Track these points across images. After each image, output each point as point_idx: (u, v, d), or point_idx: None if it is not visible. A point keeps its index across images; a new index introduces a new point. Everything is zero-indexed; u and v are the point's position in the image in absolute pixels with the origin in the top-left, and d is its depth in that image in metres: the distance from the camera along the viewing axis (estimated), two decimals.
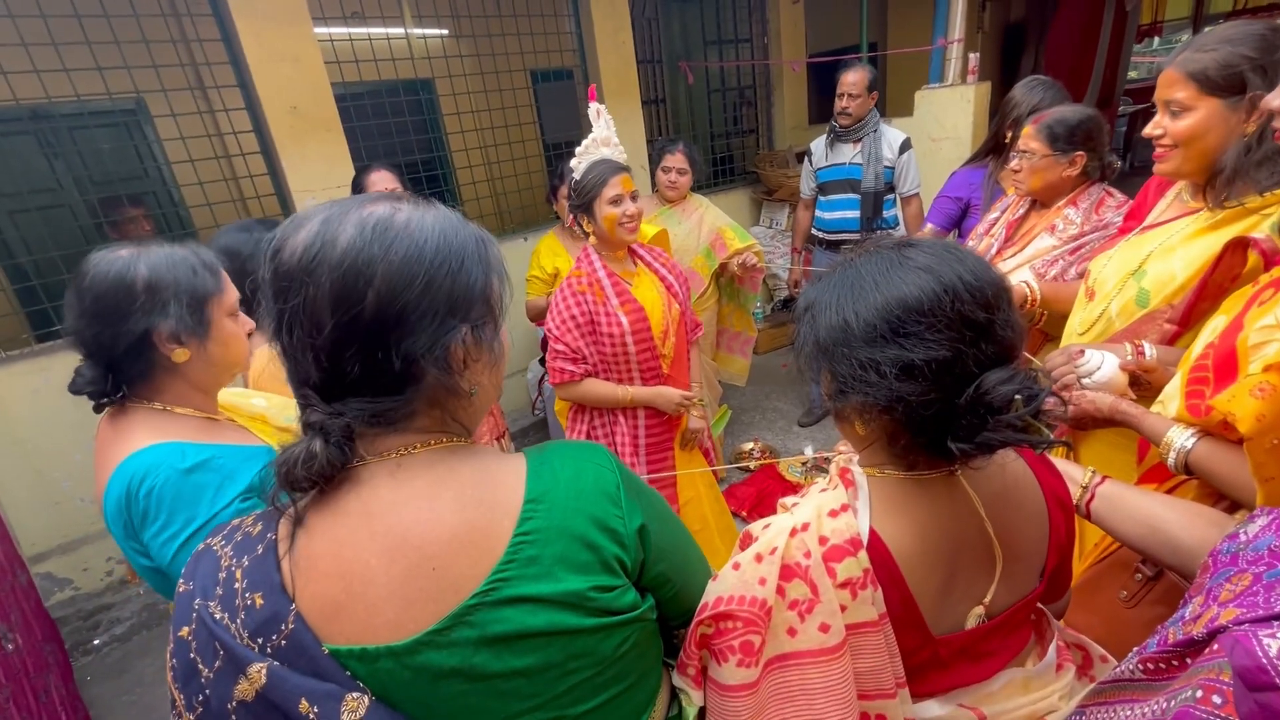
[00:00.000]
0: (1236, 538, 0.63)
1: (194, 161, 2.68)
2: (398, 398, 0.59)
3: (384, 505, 0.58)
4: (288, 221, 0.61)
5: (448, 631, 0.56)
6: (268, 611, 0.56)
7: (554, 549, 0.59)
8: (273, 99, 2.73)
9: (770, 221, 4.67)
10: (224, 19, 2.63)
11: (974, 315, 0.63)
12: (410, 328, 0.57)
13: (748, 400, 3.75)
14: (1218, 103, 1.10)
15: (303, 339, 0.57)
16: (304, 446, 0.57)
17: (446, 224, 0.61)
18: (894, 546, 0.70)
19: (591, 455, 0.67)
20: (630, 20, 3.85)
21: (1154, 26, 7.87)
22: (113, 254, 0.98)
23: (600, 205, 1.71)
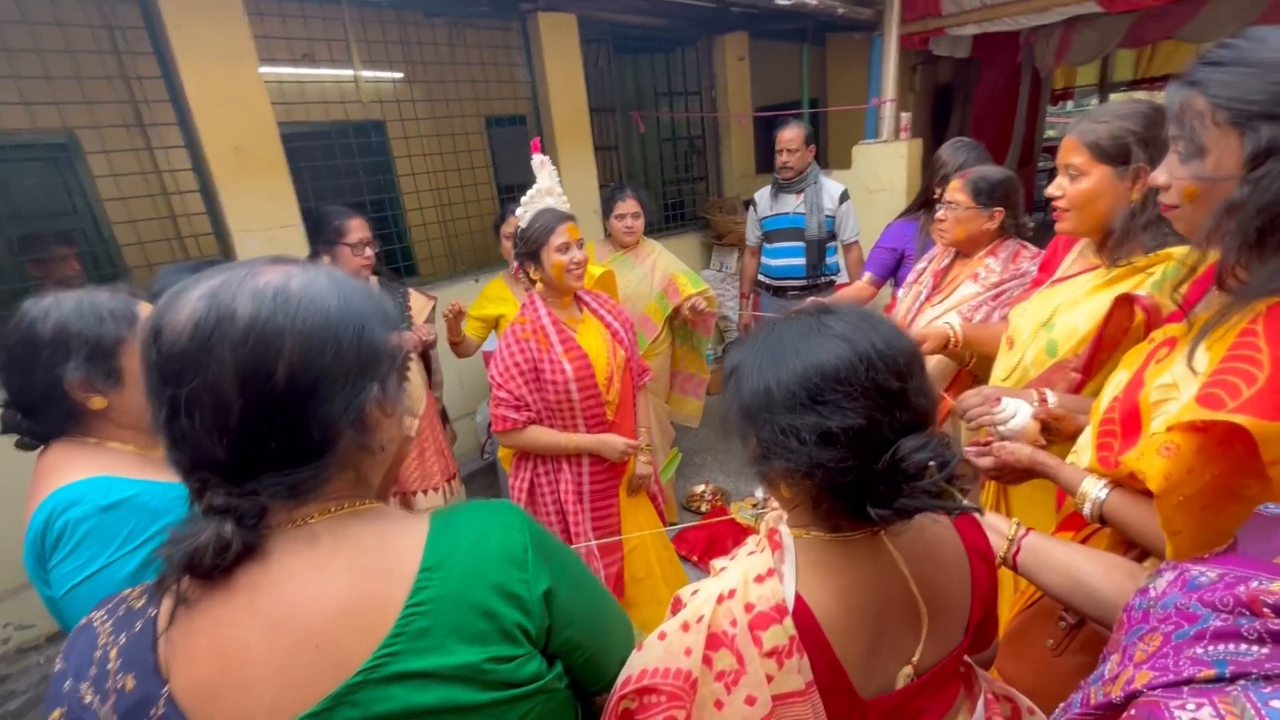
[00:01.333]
0: (1147, 592, 0.65)
1: (127, 199, 2.59)
2: (314, 465, 0.57)
3: (272, 579, 0.55)
4: (164, 300, 0.57)
5: (328, 713, 0.53)
6: (139, 694, 0.53)
7: (448, 619, 0.56)
8: (215, 138, 2.68)
9: (720, 265, 4.80)
10: (165, 57, 2.58)
11: (888, 384, 0.65)
12: (325, 394, 0.56)
13: (700, 442, 3.77)
14: (1108, 170, 1.22)
15: (207, 422, 0.53)
16: (212, 533, 0.53)
17: (343, 284, 0.60)
18: (819, 612, 0.70)
19: (500, 517, 0.65)
20: (583, 69, 3.97)
21: (1066, 91, 8.60)
22: (37, 304, 0.99)
23: (548, 253, 1.72)
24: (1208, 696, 0.47)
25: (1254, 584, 0.54)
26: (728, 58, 4.82)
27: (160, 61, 2.60)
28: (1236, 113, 0.74)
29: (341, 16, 3.09)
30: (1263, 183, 0.73)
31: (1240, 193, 0.75)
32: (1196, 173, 0.80)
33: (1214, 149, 0.78)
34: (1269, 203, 0.73)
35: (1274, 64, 0.73)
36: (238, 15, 2.65)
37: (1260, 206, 0.74)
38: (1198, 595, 0.57)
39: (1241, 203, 0.75)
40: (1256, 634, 0.49)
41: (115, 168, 2.55)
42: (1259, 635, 0.49)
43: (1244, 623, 0.51)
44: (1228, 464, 0.77)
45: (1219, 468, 0.78)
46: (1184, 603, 0.58)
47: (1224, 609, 0.54)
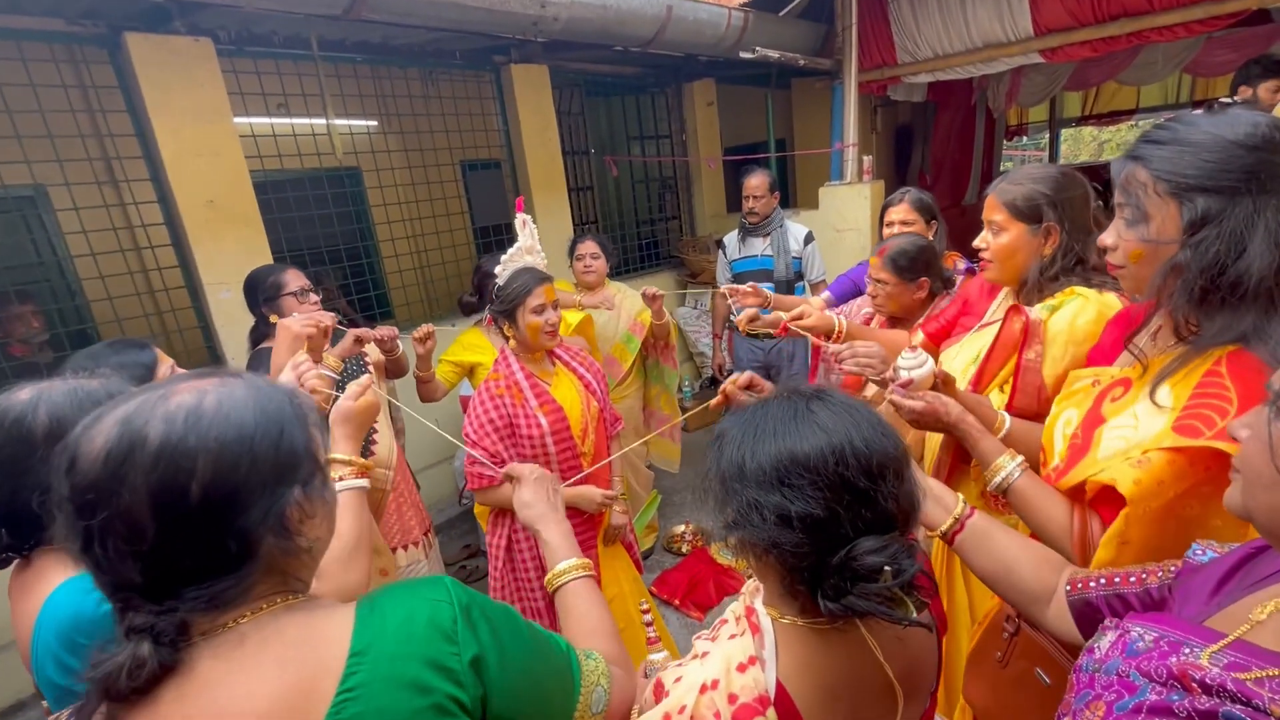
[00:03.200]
0: (1092, 653, 0.68)
1: (96, 255, 2.57)
2: (236, 575, 0.57)
3: (200, 686, 0.55)
4: (78, 429, 0.57)
5: None
6: None
7: (380, 701, 0.56)
8: (188, 193, 2.69)
9: (695, 303, 4.88)
10: (139, 115, 2.60)
11: (855, 480, 0.66)
12: (242, 506, 0.56)
13: (679, 481, 3.78)
14: (1024, 227, 1.33)
15: (121, 548, 0.53)
16: (128, 654, 0.52)
17: (258, 393, 0.61)
18: (799, 700, 0.71)
19: (427, 591, 0.65)
20: (555, 115, 4.08)
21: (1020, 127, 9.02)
22: (11, 398, 0.89)
23: (524, 313, 1.76)
24: None
25: (1185, 653, 0.57)
26: (696, 103, 4.99)
27: (134, 119, 2.62)
28: (1174, 184, 0.84)
29: (316, 71, 3.14)
30: (1200, 247, 0.83)
31: (1182, 256, 0.84)
32: (1142, 236, 0.89)
33: (1156, 216, 0.87)
34: (1207, 265, 0.82)
35: (1204, 144, 0.83)
36: (213, 74, 2.69)
37: (1201, 269, 0.82)
38: (1136, 663, 0.61)
39: (1184, 264, 0.84)
40: (1186, 712, 0.53)
41: (85, 223, 2.54)
42: (1188, 714, 0.53)
43: (1175, 699, 0.54)
44: (1189, 485, 0.84)
45: (1183, 487, 0.85)
46: (1124, 669, 0.62)
47: (1158, 680, 0.57)
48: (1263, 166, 0.81)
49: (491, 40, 3.49)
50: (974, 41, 3.87)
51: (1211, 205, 0.82)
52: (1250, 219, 0.81)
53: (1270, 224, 0.81)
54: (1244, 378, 0.83)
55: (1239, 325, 0.84)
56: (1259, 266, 0.80)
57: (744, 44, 3.83)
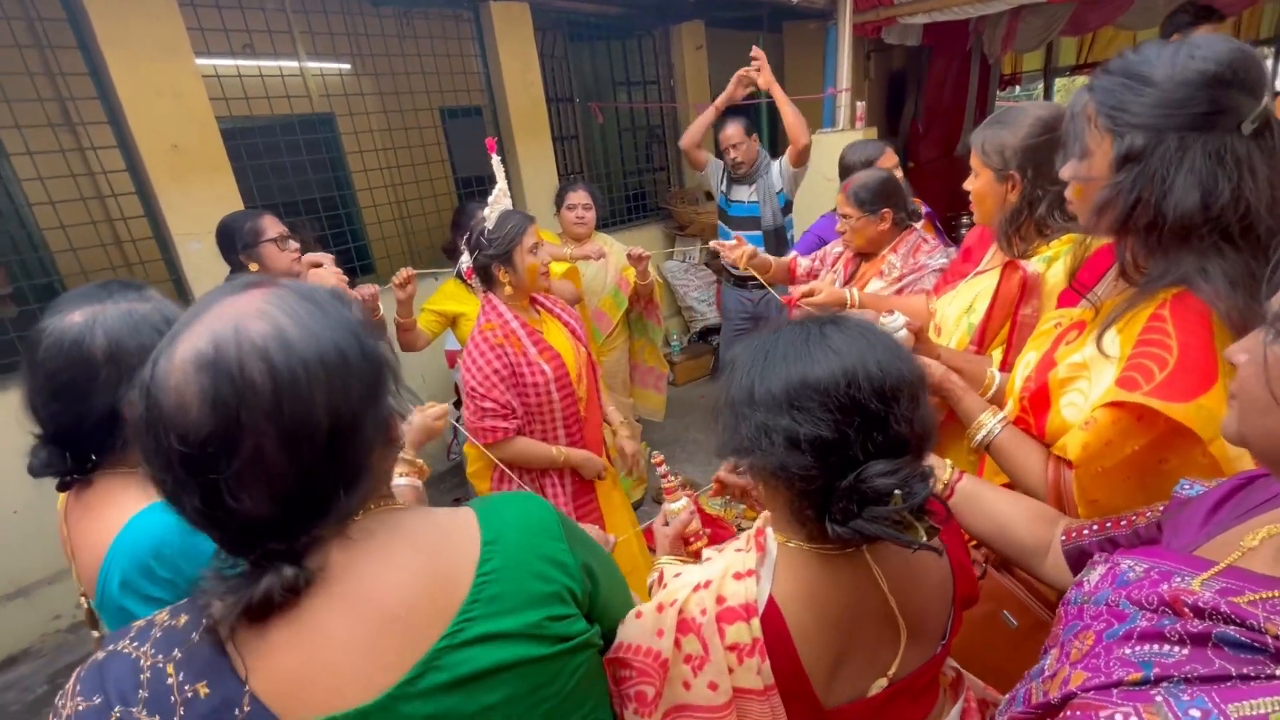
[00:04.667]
0: (1081, 586, 0.68)
1: (57, 203, 2.44)
2: (358, 488, 0.58)
3: (340, 573, 0.56)
4: (148, 381, 0.52)
5: (418, 680, 0.55)
6: (216, 699, 0.52)
7: (514, 584, 0.61)
8: (149, 136, 2.55)
9: (683, 256, 4.80)
10: (91, 51, 2.44)
11: (867, 402, 0.64)
12: (361, 425, 0.57)
13: (667, 434, 3.79)
14: (990, 173, 1.29)
15: (259, 494, 0.52)
16: (275, 579, 0.53)
17: (323, 304, 0.58)
18: (791, 619, 0.71)
19: (530, 500, 0.70)
20: (539, 60, 3.90)
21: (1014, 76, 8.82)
22: (64, 321, 0.85)
23: (521, 255, 1.70)
24: (1133, 702, 0.49)
25: (1176, 581, 0.56)
26: (685, 46, 4.80)
27: (86, 56, 2.46)
28: (1112, 119, 0.80)
29: (283, 6, 2.96)
30: (1119, 186, 0.80)
31: (1103, 195, 0.81)
32: (1077, 172, 0.87)
33: (1094, 151, 0.84)
34: (1128, 205, 0.80)
35: (1151, 78, 0.78)
36: (169, 6, 2.51)
37: (1122, 208, 0.80)
38: (1126, 592, 0.60)
39: (1104, 203, 0.82)
40: (1178, 635, 0.52)
41: (42, 170, 2.41)
42: (1180, 637, 0.52)
43: (1167, 623, 0.53)
44: (1150, 439, 0.83)
45: (1140, 443, 0.83)
46: (1114, 599, 0.61)
47: (1149, 607, 0.56)
48: (1211, 103, 0.77)
49: None
50: None
51: (1136, 142, 0.78)
52: (1175, 158, 0.77)
53: (1196, 163, 0.77)
54: (1186, 321, 0.80)
55: (1180, 267, 0.81)
56: (1182, 208, 0.78)
57: None
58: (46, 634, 2.55)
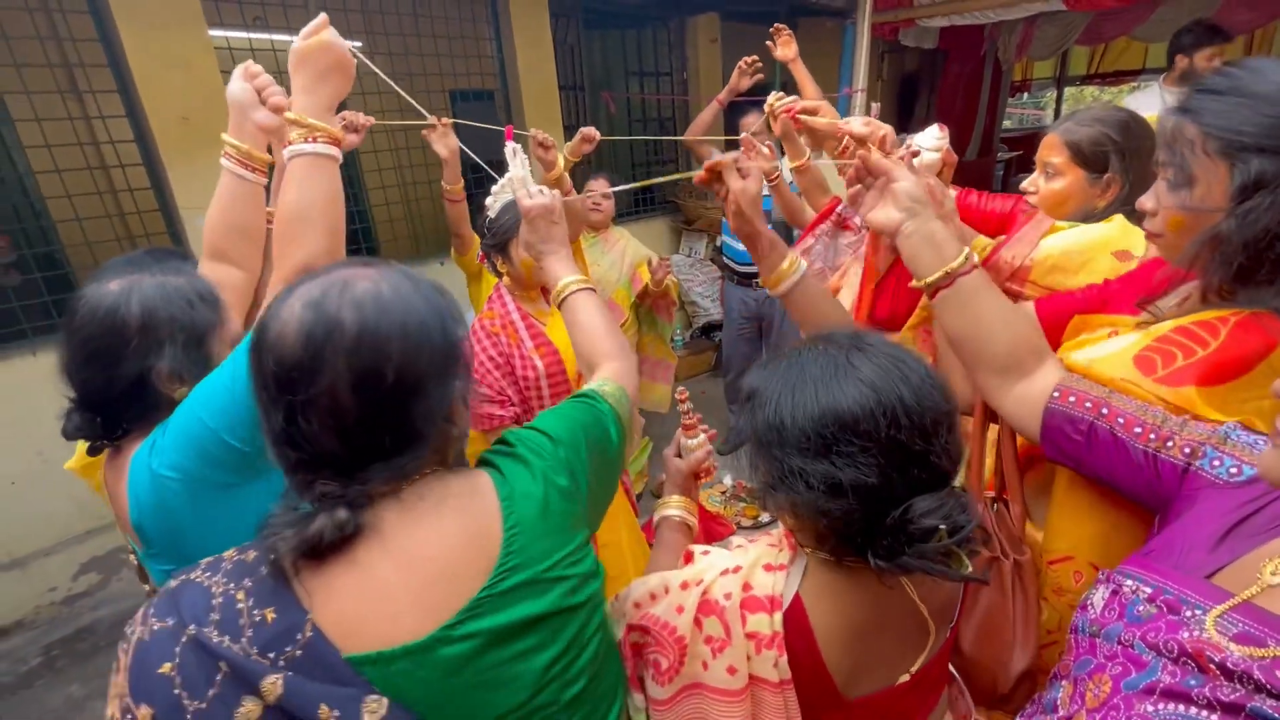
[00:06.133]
0: (1086, 610, 0.65)
1: (61, 172, 2.40)
2: (414, 453, 0.63)
3: (395, 530, 0.62)
4: (267, 312, 0.62)
5: (459, 625, 0.61)
6: (281, 625, 0.58)
7: (534, 529, 0.67)
8: (159, 107, 2.51)
9: (690, 250, 4.78)
10: (102, 18, 2.39)
11: (910, 443, 0.62)
12: (425, 391, 0.62)
13: (669, 430, 3.78)
14: (1083, 174, 1.23)
15: (325, 424, 0.59)
16: (328, 518, 0.58)
17: (422, 287, 0.66)
18: (816, 620, 0.70)
19: (527, 439, 0.76)
20: (552, 46, 3.86)
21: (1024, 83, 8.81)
22: (102, 289, 0.89)
23: (516, 247, 1.68)
24: None
25: (1187, 615, 0.54)
26: (699, 39, 4.75)
27: (97, 23, 2.41)
28: (1227, 143, 0.72)
29: None
30: (1249, 217, 0.70)
31: (1226, 225, 0.72)
32: (1183, 202, 0.77)
33: (1202, 179, 0.75)
34: (1253, 238, 0.71)
35: (1269, 96, 0.71)
36: None
37: (1245, 241, 0.71)
38: (1140, 632, 0.57)
39: (1226, 235, 0.73)
40: (1206, 700, 0.50)
41: (48, 137, 2.36)
42: (1208, 702, 0.50)
43: (1194, 684, 0.51)
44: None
45: None
46: (1127, 638, 0.58)
47: (1168, 656, 0.54)
48: None
49: None
50: None
51: (1267, 168, 0.69)
52: None
53: None
54: (1248, 331, 0.74)
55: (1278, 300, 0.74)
56: None
57: None
58: (41, 606, 2.53)
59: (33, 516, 2.47)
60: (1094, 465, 0.76)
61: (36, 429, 2.43)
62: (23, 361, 2.39)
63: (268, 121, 1.06)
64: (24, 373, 2.39)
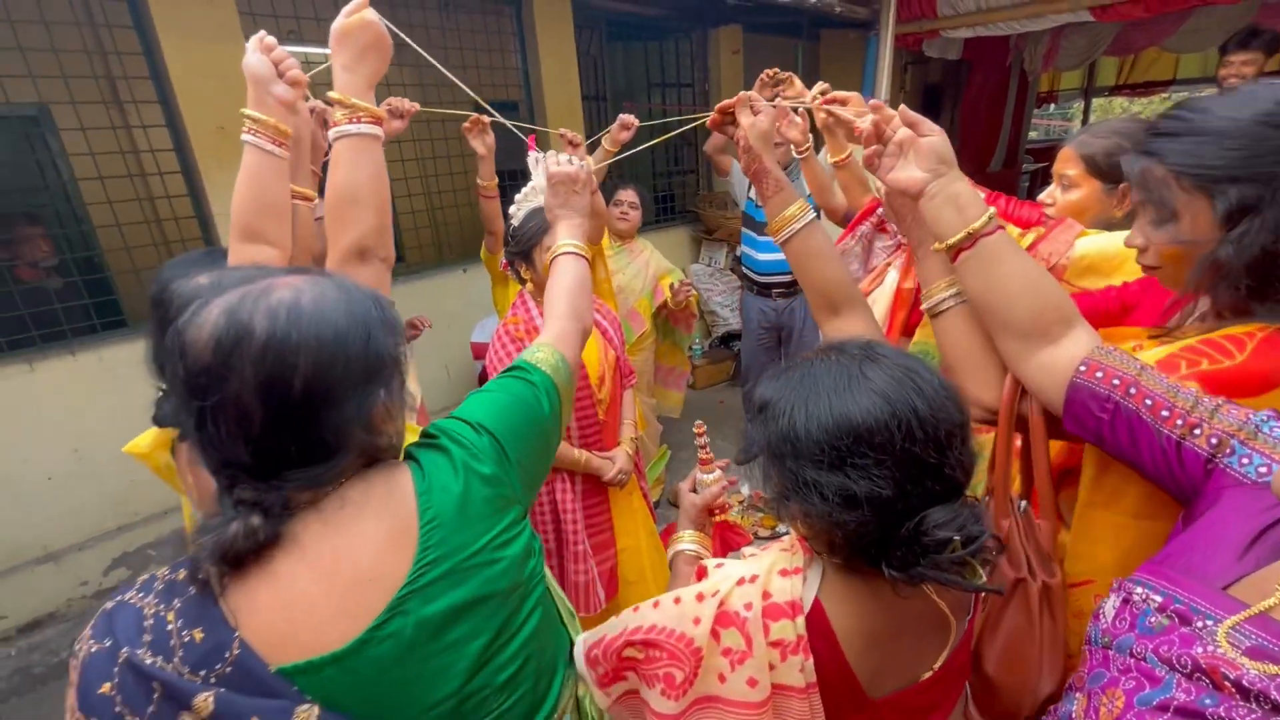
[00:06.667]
0: (1098, 620, 0.64)
1: (104, 179, 2.49)
2: (330, 462, 0.64)
3: (315, 540, 0.63)
4: (186, 317, 0.61)
5: (383, 625, 0.63)
6: (210, 644, 0.59)
7: (454, 522, 0.68)
8: (197, 117, 2.59)
9: (709, 260, 4.79)
10: (146, 32, 2.49)
11: (924, 455, 0.62)
12: (337, 402, 0.62)
13: (686, 437, 3.78)
14: (1099, 185, 1.25)
15: (232, 430, 0.59)
16: (241, 524, 0.59)
17: (349, 296, 0.65)
18: (837, 622, 0.70)
19: (444, 430, 0.77)
20: (576, 58, 3.91)
21: (1050, 94, 8.71)
22: (193, 284, 0.93)
23: (540, 254, 1.70)
24: None
25: (1209, 646, 0.53)
26: (722, 50, 4.79)
27: (141, 37, 2.51)
28: (1199, 177, 0.75)
29: None
30: (1243, 241, 0.74)
31: (1224, 252, 0.75)
32: (1174, 237, 0.80)
33: (1185, 212, 0.78)
34: (1253, 260, 0.74)
35: (1225, 130, 0.74)
36: None
37: (1246, 265, 0.75)
38: (1152, 645, 0.56)
39: (1227, 262, 0.76)
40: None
41: (91, 145, 2.46)
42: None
43: (1209, 703, 0.50)
44: None
45: None
46: (1139, 650, 0.57)
47: (1182, 671, 0.53)
48: None
49: None
50: None
51: (1247, 193, 0.73)
52: None
53: None
54: (1274, 349, 0.75)
55: None
56: None
57: None
58: (73, 599, 2.60)
59: (67, 512, 2.54)
60: (1116, 444, 0.74)
61: (73, 427, 2.51)
62: (61, 362, 2.47)
63: (286, 95, 1.06)
64: (63, 373, 2.47)
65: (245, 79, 1.04)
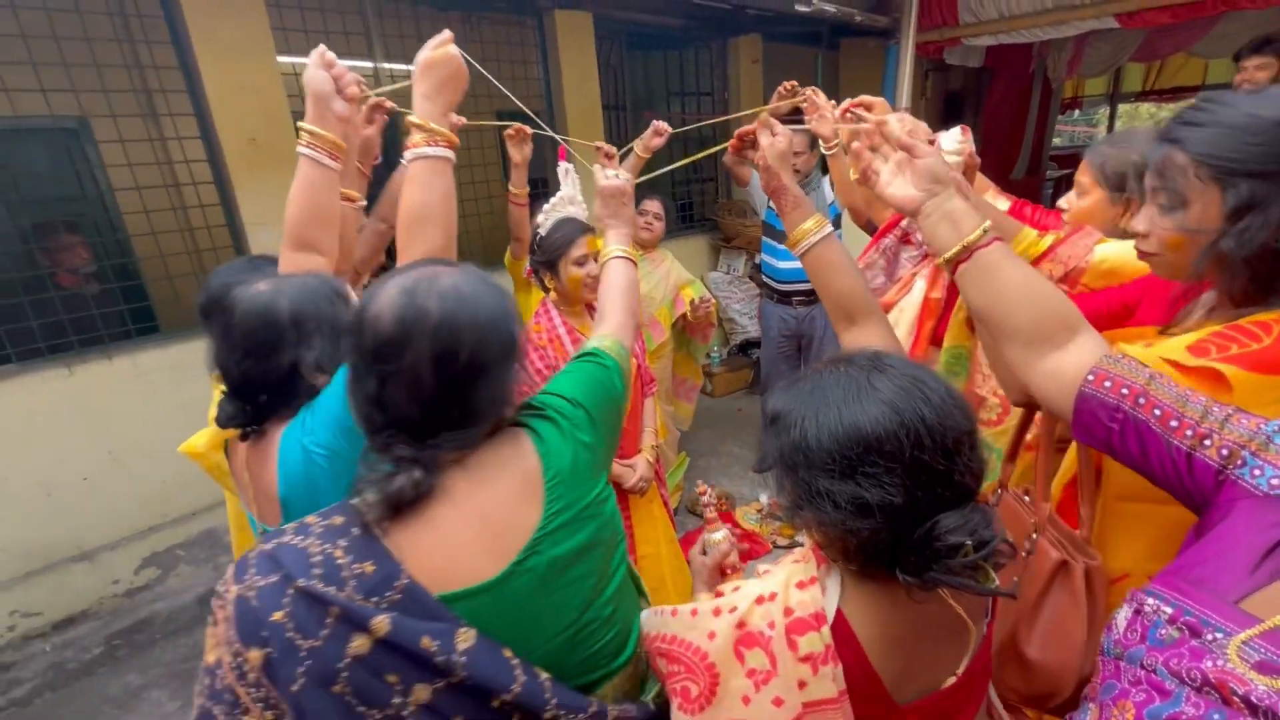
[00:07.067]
0: (1110, 631, 0.65)
1: (140, 189, 2.57)
2: (477, 427, 0.76)
3: (464, 493, 0.75)
4: (366, 296, 0.75)
5: (523, 562, 0.75)
6: (380, 575, 0.69)
7: (570, 479, 0.80)
8: (230, 130, 2.67)
9: (728, 268, 4.80)
10: (183, 48, 2.57)
11: (933, 463, 0.63)
12: (489, 375, 0.75)
13: (704, 445, 3.78)
14: (1104, 194, 1.29)
15: (408, 393, 0.71)
16: (407, 477, 0.71)
17: (489, 287, 0.78)
18: (859, 628, 0.71)
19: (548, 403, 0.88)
20: (596, 67, 3.96)
21: (1075, 100, 8.59)
22: (254, 290, 0.99)
23: (565, 265, 1.73)
24: None
25: (1219, 661, 0.52)
26: (741, 60, 4.81)
27: (178, 51, 2.59)
28: (1217, 168, 0.78)
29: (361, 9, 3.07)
30: (1245, 235, 0.77)
31: (1226, 244, 0.79)
32: (1180, 224, 0.83)
33: (1196, 201, 0.81)
34: (1254, 254, 0.78)
35: (1247, 126, 0.77)
36: (257, 6, 2.63)
37: (1246, 258, 0.78)
38: (1162, 657, 0.56)
39: (1228, 253, 0.79)
40: None
41: (129, 156, 2.54)
42: None
43: (1217, 717, 0.50)
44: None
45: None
46: (1150, 662, 0.57)
47: (1191, 684, 0.53)
48: None
49: None
50: (1044, 2, 3.65)
51: (1257, 190, 0.76)
52: None
53: None
54: None
55: None
56: None
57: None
58: (105, 597, 2.67)
59: (101, 512, 2.62)
60: (1127, 454, 0.74)
61: (109, 429, 2.59)
62: (99, 366, 2.54)
63: (345, 111, 1.13)
64: (99, 376, 2.55)
65: (278, 100, 1.11)
